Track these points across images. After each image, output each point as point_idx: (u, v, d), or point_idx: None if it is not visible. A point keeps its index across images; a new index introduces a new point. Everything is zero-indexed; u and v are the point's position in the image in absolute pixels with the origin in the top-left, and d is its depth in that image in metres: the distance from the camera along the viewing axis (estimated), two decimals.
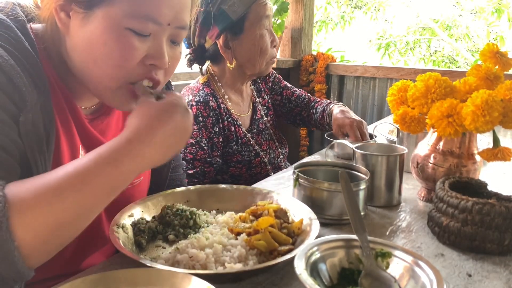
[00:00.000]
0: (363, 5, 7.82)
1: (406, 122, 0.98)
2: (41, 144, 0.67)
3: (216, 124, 1.41)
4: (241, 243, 0.72)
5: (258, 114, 1.62)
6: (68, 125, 0.76)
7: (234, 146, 1.47)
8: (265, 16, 1.44)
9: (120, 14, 0.67)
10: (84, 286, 0.55)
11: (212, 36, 1.43)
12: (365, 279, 0.62)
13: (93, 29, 0.68)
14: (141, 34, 0.69)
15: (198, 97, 1.41)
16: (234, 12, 1.39)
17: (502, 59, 0.97)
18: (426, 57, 7.79)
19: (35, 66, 0.68)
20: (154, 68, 0.74)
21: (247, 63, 1.47)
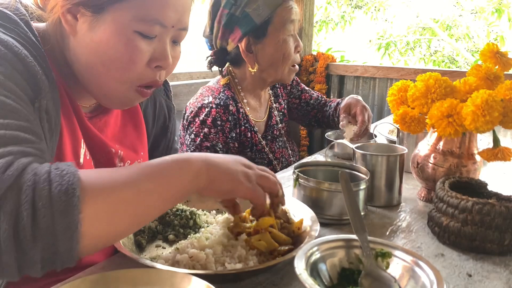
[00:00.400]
0: (363, 5, 7.82)
1: (406, 122, 0.98)
2: (51, 132, 0.68)
3: (233, 129, 1.38)
4: (241, 243, 0.72)
5: (274, 120, 1.59)
6: (70, 119, 0.77)
7: (249, 153, 1.44)
8: (290, 21, 1.40)
9: (129, 18, 0.69)
10: (84, 286, 0.55)
11: (235, 39, 1.39)
12: (365, 279, 0.62)
13: (101, 32, 0.70)
14: (148, 36, 0.71)
15: (218, 99, 1.38)
16: (258, 15, 1.35)
17: (502, 59, 0.97)
18: (426, 57, 7.79)
19: (43, 59, 0.69)
20: (159, 69, 0.76)
21: (269, 68, 1.43)
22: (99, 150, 0.84)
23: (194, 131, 1.36)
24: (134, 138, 0.93)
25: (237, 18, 1.35)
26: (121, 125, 0.91)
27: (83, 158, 0.79)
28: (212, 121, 1.35)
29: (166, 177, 0.61)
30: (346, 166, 0.99)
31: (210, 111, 1.35)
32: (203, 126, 1.35)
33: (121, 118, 0.92)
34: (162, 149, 1.04)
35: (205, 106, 1.36)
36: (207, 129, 1.34)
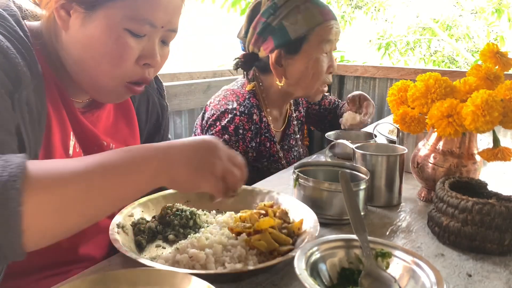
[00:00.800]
0: (363, 5, 7.81)
1: (406, 122, 0.98)
2: (33, 123, 0.70)
3: (254, 138, 1.35)
4: (241, 243, 0.72)
5: (291, 129, 1.56)
6: (59, 112, 0.79)
7: (265, 163, 1.41)
8: (326, 40, 1.34)
9: (120, 16, 0.72)
10: (84, 286, 0.55)
11: (267, 49, 1.36)
12: (365, 279, 0.62)
13: (93, 28, 0.72)
14: (137, 35, 0.74)
15: (243, 107, 1.33)
16: (294, 30, 1.30)
17: (502, 59, 0.97)
18: (426, 57, 7.78)
19: (29, 52, 0.71)
20: (148, 67, 0.79)
21: (296, 85, 1.39)
22: (90, 143, 0.85)
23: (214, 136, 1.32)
24: (126, 133, 0.95)
25: (273, 28, 1.32)
26: (113, 121, 0.93)
27: (72, 150, 0.81)
28: (234, 129, 1.31)
29: (121, 176, 0.59)
30: (346, 166, 0.99)
31: (234, 118, 1.31)
32: (224, 132, 1.31)
33: (113, 113, 0.93)
34: None
35: (229, 111, 1.32)
36: (227, 136, 1.31)
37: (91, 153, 0.84)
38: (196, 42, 2.71)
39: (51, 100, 0.77)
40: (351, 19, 7.85)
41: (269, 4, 1.32)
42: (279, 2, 1.31)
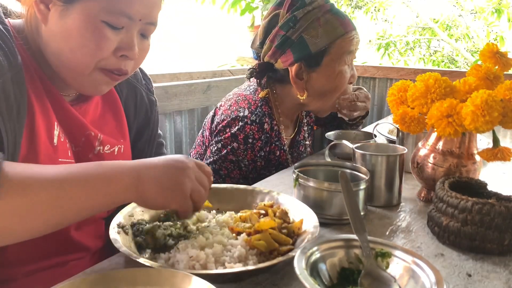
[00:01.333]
0: (363, 5, 7.81)
1: (406, 122, 0.98)
2: (10, 111, 0.71)
3: (263, 147, 1.31)
4: (241, 243, 0.72)
5: (301, 136, 1.52)
6: (43, 104, 0.81)
7: (273, 171, 1.37)
8: (348, 52, 1.31)
9: (97, 8, 0.74)
10: (84, 286, 0.55)
11: (286, 62, 1.31)
12: (365, 279, 0.62)
13: (71, 20, 0.75)
14: (114, 27, 0.77)
15: (255, 116, 1.29)
16: (314, 44, 1.27)
17: (502, 59, 0.97)
18: (426, 57, 7.78)
19: (7, 44, 0.73)
20: (125, 59, 0.81)
21: (317, 98, 1.35)
22: (78, 133, 0.87)
23: (222, 142, 1.30)
24: (113, 126, 0.97)
25: (292, 41, 1.28)
26: (100, 113, 0.95)
27: (57, 139, 0.82)
28: (244, 137, 1.28)
29: (93, 187, 0.63)
30: (346, 166, 0.99)
31: (244, 126, 1.28)
32: (233, 139, 1.29)
33: (100, 107, 0.95)
34: (145, 139, 1.07)
35: (240, 119, 1.29)
36: (236, 144, 1.29)
37: (79, 143, 0.88)
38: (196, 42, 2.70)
39: (34, 91, 0.79)
40: (351, 19, 7.86)
41: (288, 17, 1.28)
42: (299, 15, 1.27)
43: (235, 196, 0.93)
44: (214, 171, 1.30)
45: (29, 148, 0.76)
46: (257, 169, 1.33)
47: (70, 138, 0.86)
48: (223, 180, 1.30)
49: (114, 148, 0.94)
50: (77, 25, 0.75)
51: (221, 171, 1.30)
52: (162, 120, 1.79)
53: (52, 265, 0.84)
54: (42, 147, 0.78)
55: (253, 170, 1.32)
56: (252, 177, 1.32)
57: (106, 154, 0.91)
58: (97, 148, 0.90)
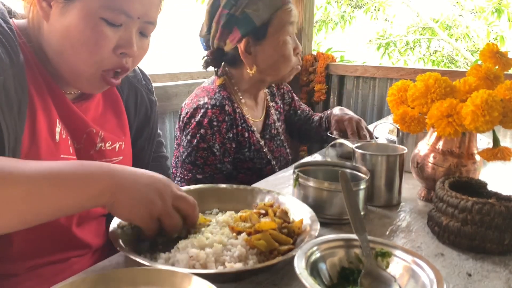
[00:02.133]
0: (363, 4, 7.81)
1: (406, 122, 0.98)
2: (10, 107, 0.72)
3: (230, 129, 1.36)
4: (241, 242, 0.72)
5: (271, 119, 1.57)
6: (45, 101, 0.81)
7: (247, 153, 1.43)
8: (289, 23, 1.39)
9: (96, 5, 0.76)
10: (84, 286, 0.55)
11: (234, 40, 1.38)
12: (365, 279, 0.62)
13: (71, 18, 0.77)
14: (113, 24, 0.78)
15: (214, 100, 1.35)
16: (258, 16, 1.34)
17: (502, 59, 0.97)
18: (426, 56, 7.78)
19: (10, 42, 0.74)
20: (125, 56, 0.82)
21: (268, 69, 1.41)
22: (79, 130, 0.88)
23: (191, 133, 1.35)
24: (114, 124, 0.98)
25: (237, 18, 1.34)
26: (102, 112, 0.96)
27: (58, 136, 0.83)
28: (208, 122, 1.33)
29: (67, 187, 0.62)
30: (346, 166, 0.99)
31: (206, 112, 1.34)
32: (199, 127, 1.33)
33: (102, 105, 0.96)
34: (145, 138, 1.08)
35: (201, 107, 1.35)
36: (203, 130, 1.33)
37: (81, 140, 0.88)
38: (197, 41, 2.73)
39: (36, 88, 0.80)
40: (351, 18, 7.85)
41: None
42: None
43: (235, 196, 0.93)
44: (191, 163, 1.33)
45: (31, 144, 0.77)
46: (230, 152, 1.37)
47: (71, 135, 0.87)
48: (202, 170, 1.34)
49: (115, 144, 0.95)
50: (77, 22, 0.76)
51: (197, 161, 1.34)
52: (162, 120, 1.79)
53: (54, 261, 0.85)
54: (44, 144, 0.79)
55: (226, 154, 1.37)
56: (228, 161, 1.37)
57: (107, 150, 0.92)
58: (98, 144, 0.91)
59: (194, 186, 0.95)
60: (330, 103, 2.93)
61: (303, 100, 2.96)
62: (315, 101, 2.91)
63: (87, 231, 0.91)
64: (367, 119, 2.72)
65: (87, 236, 0.91)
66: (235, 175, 1.44)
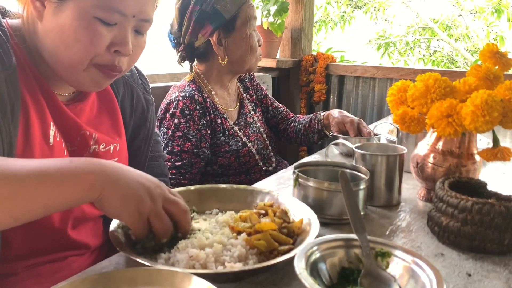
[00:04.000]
0: (363, 5, 7.81)
1: (406, 122, 0.98)
2: (4, 111, 0.71)
3: (203, 116, 1.47)
4: (241, 242, 0.72)
5: (246, 109, 1.68)
6: (39, 103, 0.81)
7: (222, 138, 1.52)
8: (253, 17, 1.55)
9: (89, 4, 0.75)
10: (84, 286, 0.55)
11: (205, 34, 1.50)
12: (365, 279, 0.62)
13: (65, 17, 0.76)
14: (107, 23, 0.77)
15: (184, 92, 1.47)
16: (227, 11, 1.47)
17: (502, 59, 0.97)
18: (426, 57, 7.78)
19: (2, 45, 0.74)
20: (119, 55, 0.81)
21: (238, 60, 1.55)
22: (73, 133, 0.87)
23: (166, 125, 1.46)
24: (109, 125, 0.97)
25: (208, 14, 1.47)
26: (96, 113, 0.95)
27: (52, 139, 0.82)
28: (180, 111, 1.44)
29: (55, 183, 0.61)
30: (346, 166, 1.00)
31: (178, 103, 1.45)
32: (173, 118, 1.45)
33: (96, 106, 0.96)
34: (142, 138, 1.08)
35: (173, 101, 1.47)
36: (177, 120, 1.44)
37: (75, 143, 0.88)
38: None
39: (29, 90, 0.79)
40: (351, 19, 7.85)
41: None
42: None
43: (235, 196, 0.93)
44: (169, 153, 1.43)
45: (25, 148, 0.76)
46: (206, 137, 1.48)
47: (65, 138, 0.86)
48: (180, 157, 1.42)
49: (110, 146, 0.94)
50: (70, 22, 0.76)
51: (174, 150, 1.43)
52: None
53: (52, 260, 0.85)
54: (38, 147, 0.78)
55: (203, 139, 1.46)
56: (205, 146, 1.46)
57: (101, 152, 0.92)
58: (92, 147, 0.90)
59: (194, 186, 0.95)
60: (330, 103, 2.93)
61: (303, 100, 2.96)
62: (315, 101, 2.91)
63: (83, 232, 0.90)
64: (367, 119, 2.72)
65: (84, 237, 0.90)
66: (215, 159, 1.52)
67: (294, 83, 3.02)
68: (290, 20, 2.92)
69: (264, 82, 2.46)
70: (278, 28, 2.62)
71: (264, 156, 1.64)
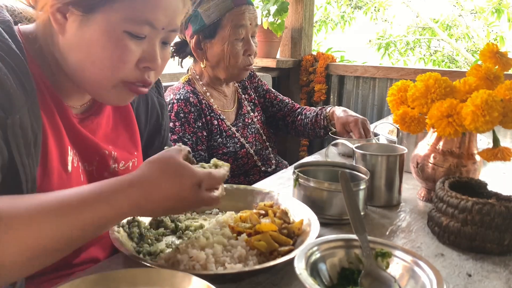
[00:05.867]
0: (363, 5, 7.81)
1: (406, 122, 0.98)
2: (29, 147, 0.67)
3: (198, 119, 1.45)
4: (241, 243, 0.72)
5: (244, 110, 1.65)
6: (56, 126, 0.76)
7: (219, 139, 1.50)
8: (239, 25, 1.45)
9: (119, 18, 0.70)
10: (84, 286, 0.55)
11: (188, 35, 1.50)
12: (365, 279, 0.62)
13: (92, 31, 0.70)
14: (137, 36, 0.72)
15: (178, 95, 1.45)
16: (208, 16, 1.43)
17: (502, 59, 0.97)
18: (426, 57, 7.77)
19: (22, 68, 0.68)
20: (148, 70, 0.77)
21: (216, 66, 1.51)
22: (91, 154, 0.84)
23: None
24: (126, 138, 0.93)
25: (191, 16, 1.45)
26: (112, 126, 0.91)
27: (70, 166, 0.79)
28: (175, 115, 1.41)
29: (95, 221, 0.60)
30: (346, 166, 0.99)
31: (172, 106, 1.42)
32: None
33: (112, 119, 0.92)
34: (156, 147, 1.04)
35: (167, 103, 1.42)
36: (171, 124, 1.40)
37: (93, 163, 0.85)
38: None
39: (46, 113, 0.75)
40: (351, 19, 7.85)
41: None
42: None
43: (235, 196, 0.93)
44: None
45: (43, 179, 0.73)
46: (202, 140, 1.45)
47: (83, 159, 0.83)
48: None
49: (128, 163, 0.91)
50: (98, 37, 0.70)
51: None
52: None
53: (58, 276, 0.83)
54: (56, 177, 0.75)
55: (199, 142, 1.44)
56: (201, 149, 1.44)
57: (121, 171, 0.89)
58: (112, 166, 0.87)
59: None
60: (330, 103, 2.93)
61: (303, 101, 2.96)
62: (315, 101, 2.91)
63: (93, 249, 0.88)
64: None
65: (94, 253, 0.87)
66: None
67: (294, 83, 3.02)
68: (290, 20, 2.92)
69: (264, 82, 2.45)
70: (278, 28, 2.62)
71: (263, 157, 1.63)
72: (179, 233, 0.81)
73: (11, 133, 0.64)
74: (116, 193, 0.62)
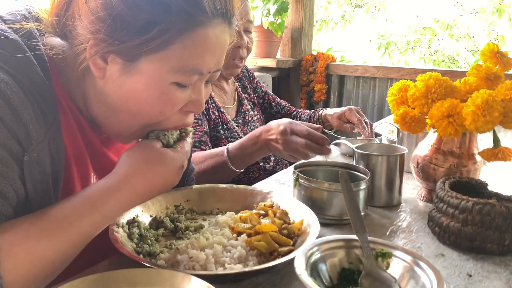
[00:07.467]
0: (363, 4, 7.81)
1: (406, 122, 0.98)
2: (47, 183, 0.64)
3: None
4: (241, 243, 0.72)
5: (245, 108, 1.67)
6: (80, 153, 0.73)
7: (221, 131, 1.51)
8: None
9: (166, 69, 0.65)
10: (84, 286, 0.55)
11: None
12: (365, 279, 0.62)
13: (133, 82, 0.65)
14: (184, 86, 0.68)
15: None
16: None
17: (503, 59, 0.97)
18: (427, 56, 7.78)
19: (46, 96, 0.63)
20: (190, 113, 0.73)
21: None
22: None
23: None
24: None
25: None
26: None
27: None
28: None
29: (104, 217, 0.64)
30: (346, 166, 0.99)
31: None
32: None
33: None
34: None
35: None
36: None
37: None
38: None
39: (71, 142, 0.71)
40: (351, 18, 7.86)
41: None
42: None
43: (235, 196, 0.93)
44: None
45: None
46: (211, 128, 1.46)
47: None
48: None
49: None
50: (142, 88, 0.65)
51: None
52: None
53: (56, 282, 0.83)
54: None
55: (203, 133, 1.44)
56: (204, 141, 1.43)
57: None
58: None
59: (195, 186, 0.94)
60: (330, 103, 2.93)
61: (303, 100, 2.96)
62: (315, 101, 2.91)
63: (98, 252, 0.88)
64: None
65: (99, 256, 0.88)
66: None
67: (294, 83, 3.02)
68: (290, 20, 2.92)
69: (264, 82, 2.46)
70: (278, 28, 2.62)
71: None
72: (179, 233, 0.81)
73: (27, 170, 0.61)
74: (107, 201, 0.64)
